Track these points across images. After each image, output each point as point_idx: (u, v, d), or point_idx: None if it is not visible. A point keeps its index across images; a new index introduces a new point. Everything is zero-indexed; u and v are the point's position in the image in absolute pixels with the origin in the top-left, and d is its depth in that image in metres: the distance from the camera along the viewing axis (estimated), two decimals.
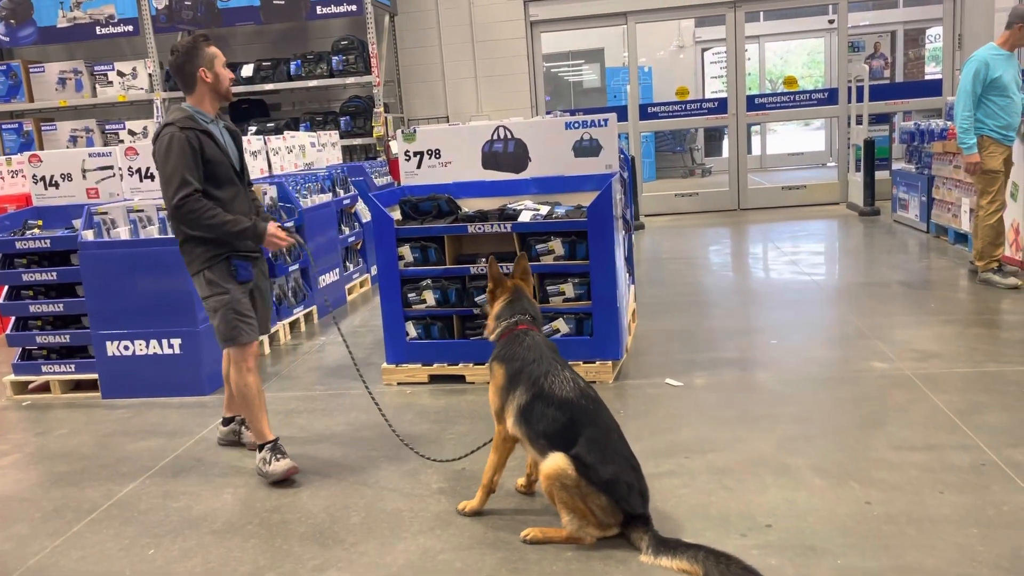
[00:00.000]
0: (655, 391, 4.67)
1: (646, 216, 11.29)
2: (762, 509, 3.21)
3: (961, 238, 7.86)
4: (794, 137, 22.56)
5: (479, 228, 4.92)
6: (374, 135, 10.84)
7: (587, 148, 5.25)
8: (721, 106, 11.91)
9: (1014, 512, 3.04)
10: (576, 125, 5.24)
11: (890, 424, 3.94)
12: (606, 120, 5.23)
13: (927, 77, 16.53)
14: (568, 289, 4.88)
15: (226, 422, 4.30)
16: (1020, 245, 6.77)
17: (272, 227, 3.85)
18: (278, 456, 3.84)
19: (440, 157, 5.46)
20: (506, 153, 5.37)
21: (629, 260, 5.90)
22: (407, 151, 5.49)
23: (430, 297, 5.04)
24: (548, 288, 4.91)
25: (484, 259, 5.03)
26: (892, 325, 5.58)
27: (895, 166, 10.73)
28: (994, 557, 2.77)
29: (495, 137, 5.38)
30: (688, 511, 3.23)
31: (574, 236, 4.84)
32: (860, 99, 10.82)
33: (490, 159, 5.40)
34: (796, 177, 14.36)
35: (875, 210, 10.39)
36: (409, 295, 5.06)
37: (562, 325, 4.90)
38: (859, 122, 10.87)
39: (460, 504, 3.38)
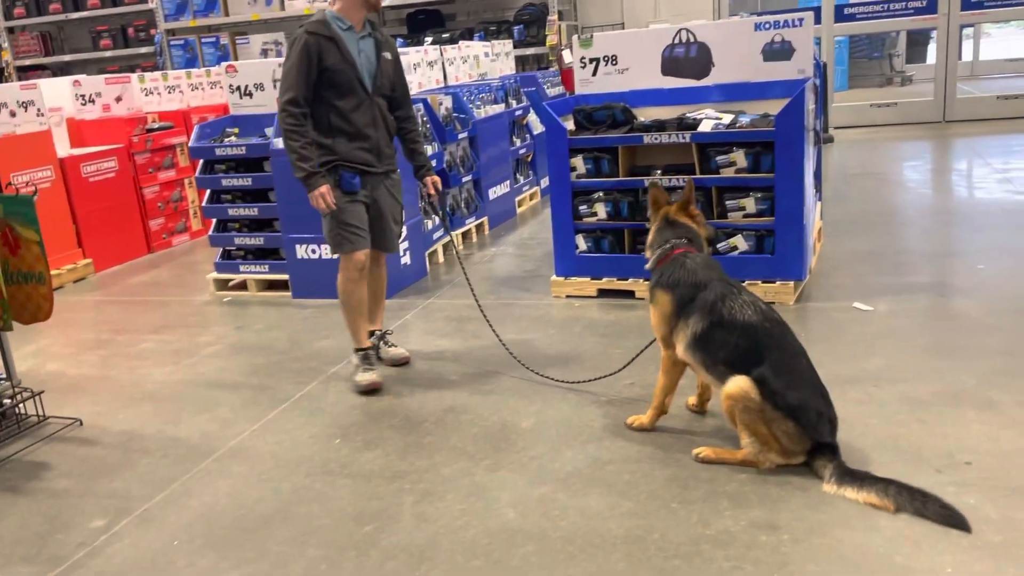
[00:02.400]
0: (840, 315, 4.38)
1: (836, 129, 10.48)
2: (961, 445, 2.95)
3: None
4: (1012, 41, 20.05)
5: (655, 138, 4.72)
6: (547, 44, 10.64)
7: (778, 51, 4.86)
8: (931, 5, 10.67)
9: None
10: (767, 26, 4.85)
11: None
12: (801, 20, 4.80)
13: None
14: (749, 204, 4.61)
15: (370, 334, 4.25)
16: None
17: (322, 190, 3.73)
18: (366, 367, 3.97)
19: (617, 64, 5.25)
20: (687, 58, 5.08)
21: (817, 175, 5.50)
22: (583, 58, 5.32)
23: (601, 210, 4.93)
24: (727, 203, 4.66)
25: (660, 171, 4.86)
26: None
27: None
28: None
29: (676, 41, 5.09)
30: (876, 443, 3.02)
31: (759, 147, 4.54)
32: None
33: (670, 65, 5.13)
34: (1015, 86, 12.78)
35: None
36: (580, 207, 4.98)
37: (740, 242, 4.66)
38: None
39: (630, 418, 3.34)
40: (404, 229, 4.24)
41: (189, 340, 5.00)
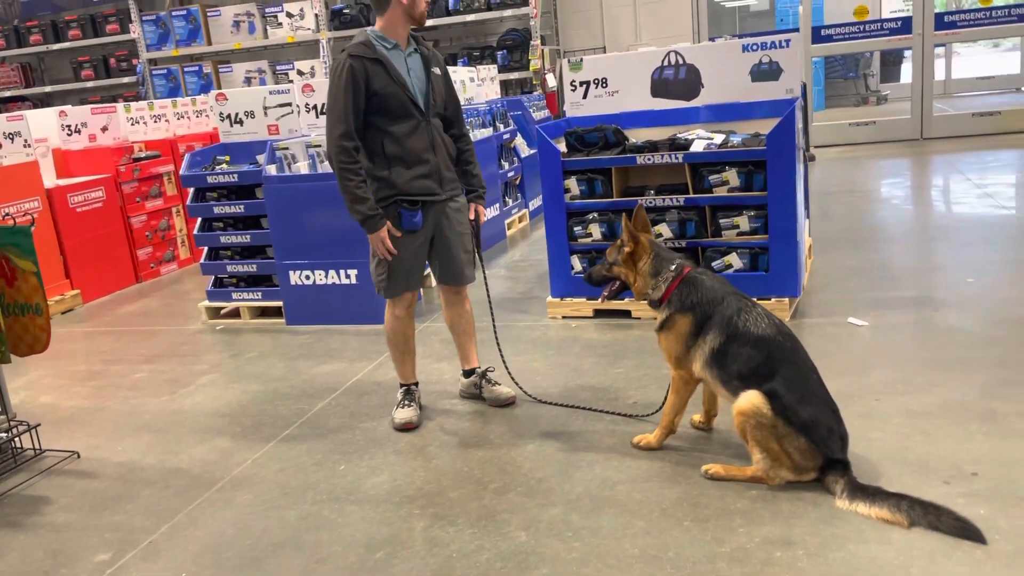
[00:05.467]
0: (836, 330, 4.42)
1: (816, 148, 10.63)
2: (967, 456, 2.98)
3: None
4: (981, 60, 20.48)
5: (648, 159, 4.77)
6: (530, 68, 10.74)
7: (766, 72, 4.94)
8: (905, 25, 10.90)
9: None
10: (754, 47, 4.93)
11: None
12: (788, 41, 4.88)
13: None
14: (743, 222, 4.66)
15: (467, 374, 4.03)
16: None
17: (382, 234, 3.49)
18: (405, 403, 3.81)
19: (607, 86, 5.31)
20: (677, 80, 5.15)
21: (805, 192, 5.56)
22: (573, 81, 5.37)
23: (596, 231, 4.96)
24: (721, 221, 4.71)
25: (653, 191, 4.90)
26: None
27: None
28: None
29: (665, 63, 5.16)
30: (882, 455, 3.04)
31: (751, 166, 4.60)
32: None
33: (660, 86, 5.20)
34: (987, 103, 13.04)
35: None
36: (575, 228, 5.01)
37: (735, 260, 4.70)
38: None
39: (636, 438, 3.35)
40: (479, 256, 3.89)
41: (183, 369, 4.95)
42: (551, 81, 10.70)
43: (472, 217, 3.83)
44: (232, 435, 3.92)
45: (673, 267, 3.18)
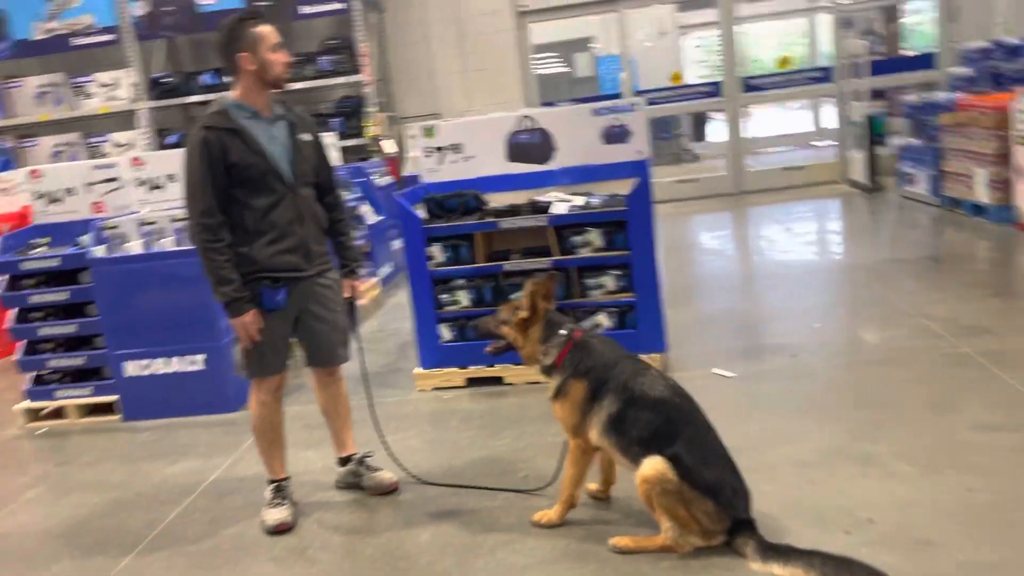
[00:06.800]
0: (705, 383, 4.50)
1: None
2: (858, 502, 3.05)
3: (978, 210, 7.76)
4: (773, 119, 22.49)
5: (512, 223, 4.73)
6: (368, 135, 10.60)
7: (616, 135, 5.06)
8: (716, 89, 11.77)
9: None
10: (604, 111, 5.05)
11: (964, 405, 3.80)
12: (634, 105, 5.05)
13: (901, 52, 16.44)
14: (609, 281, 4.70)
15: (343, 462, 3.73)
16: None
17: (246, 319, 3.22)
18: (277, 501, 3.45)
19: (462, 152, 5.24)
20: (531, 144, 5.17)
21: None
22: (428, 147, 5.27)
23: (464, 297, 4.84)
24: (587, 281, 4.73)
25: (518, 255, 4.85)
26: (932, 301, 5.44)
27: (895, 140, 10.62)
28: None
29: (520, 128, 5.18)
30: (780, 509, 3.06)
31: (613, 226, 4.66)
32: (856, 75, 10.72)
33: (515, 151, 5.20)
34: (790, 158, 14.26)
35: (879, 186, 10.29)
36: (441, 296, 4.86)
37: (604, 319, 4.72)
38: (858, 99, 10.77)
39: (536, 515, 3.18)
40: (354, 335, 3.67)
41: (2, 485, 4.28)
42: (390, 147, 10.60)
43: (348, 294, 3.59)
44: (71, 558, 3.40)
45: (564, 331, 3.10)
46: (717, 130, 17.33)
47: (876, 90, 11.79)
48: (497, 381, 4.82)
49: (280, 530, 3.38)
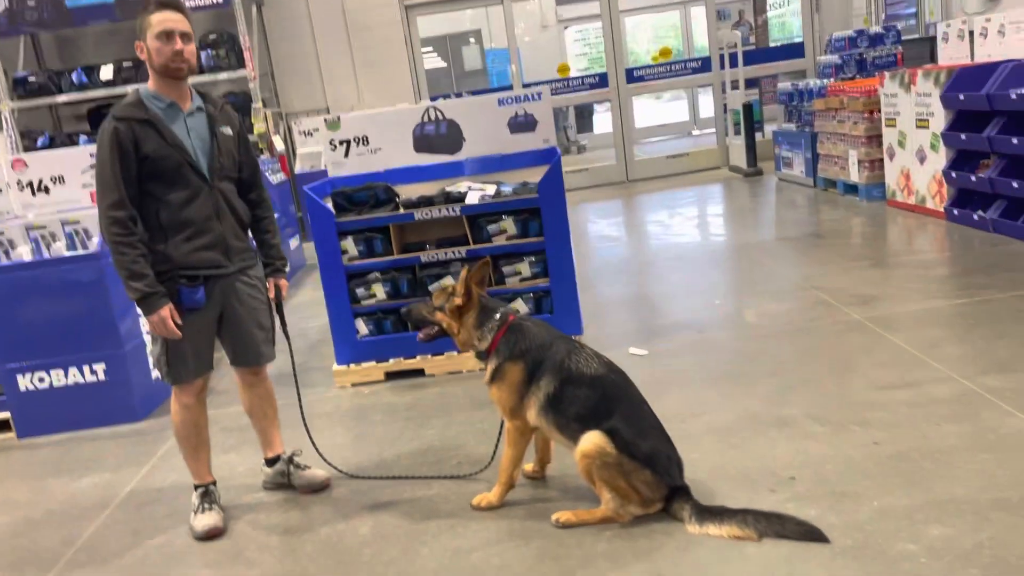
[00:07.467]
0: (622, 362, 4.50)
1: None
2: (779, 463, 3.24)
3: (851, 189, 8.31)
4: (651, 110, 23.22)
5: (426, 214, 4.73)
6: (255, 132, 10.28)
7: (523, 124, 5.14)
8: (602, 80, 12.06)
9: (1014, 435, 3.20)
10: (509, 101, 5.12)
11: (861, 367, 4.09)
12: (540, 95, 5.14)
13: (772, 43, 17.35)
14: (524, 268, 4.78)
15: (270, 463, 3.64)
16: (912, 190, 7.22)
17: (163, 313, 3.07)
18: (205, 507, 3.35)
19: (368, 144, 5.20)
20: (439, 135, 5.18)
21: None
22: (332, 140, 5.20)
23: (380, 291, 4.80)
24: (504, 268, 4.79)
25: (432, 245, 4.86)
26: (820, 274, 5.80)
27: (770, 127, 11.21)
28: (1017, 478, 2.89)
29: (426, 119, 5.18)
30: (708, 474, 3.21)
31: (526, 214, 4.74)
32: (734, 65, 11.23)
33: (423, 142, 5.20)
34: (674, 146, 14.79)
35: (759, 170, 10.83)
36: (357, 290, 4.81)
37: (520, 305, 4.79)
38: (735, 87, 11.28)
39: (476, 499, 3.22)
40: (277, 332, 3.54)
41: None
42: (279, 144, 10.33)
43: (272, 294, 3.50)
44: None
45: (498, 316, 3.14)
46: (602, 121, 17.77)
47: (750, 79, 12.41)
48: (418, 373, 4.81)
49: (211, 535, 3.28)
